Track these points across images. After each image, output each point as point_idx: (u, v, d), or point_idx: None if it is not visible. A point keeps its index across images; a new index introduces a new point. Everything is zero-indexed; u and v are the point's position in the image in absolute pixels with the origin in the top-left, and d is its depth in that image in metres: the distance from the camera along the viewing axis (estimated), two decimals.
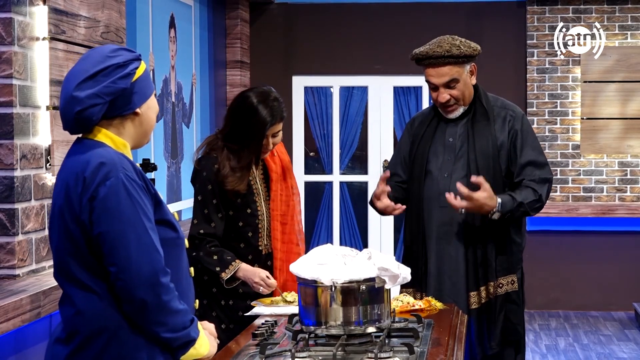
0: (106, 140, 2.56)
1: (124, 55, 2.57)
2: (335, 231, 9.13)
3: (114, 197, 2.46)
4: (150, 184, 2.59)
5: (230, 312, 4.03)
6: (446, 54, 4.07)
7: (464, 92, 4.15)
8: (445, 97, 4.13)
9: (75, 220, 2.49)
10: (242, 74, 8.62)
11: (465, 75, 4.14)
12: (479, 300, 4.12)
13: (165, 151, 6.73)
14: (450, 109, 4.17)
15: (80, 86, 2.50)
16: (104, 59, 2.54)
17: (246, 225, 4.03)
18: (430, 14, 8.88)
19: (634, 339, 7.79)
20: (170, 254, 2.57)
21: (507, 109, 4.24)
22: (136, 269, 2.44)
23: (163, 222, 2.59)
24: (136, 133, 2.62)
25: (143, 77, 2.60)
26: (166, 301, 2.48)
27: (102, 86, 2.51)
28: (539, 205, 4.15)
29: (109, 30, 4.69)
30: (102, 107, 2.52)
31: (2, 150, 3.79)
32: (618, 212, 8.81)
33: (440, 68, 4.10)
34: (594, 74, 8.86)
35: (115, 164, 2.49)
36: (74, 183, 2.49)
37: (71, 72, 2.56)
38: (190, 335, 2.55)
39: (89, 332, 2.50)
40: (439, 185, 4.14)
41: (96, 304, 2.49)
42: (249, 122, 3.94)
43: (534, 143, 4.21)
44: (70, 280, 2.52)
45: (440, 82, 4.12)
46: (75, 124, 2.54)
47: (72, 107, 2.51)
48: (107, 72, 2.52)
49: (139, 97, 2.58)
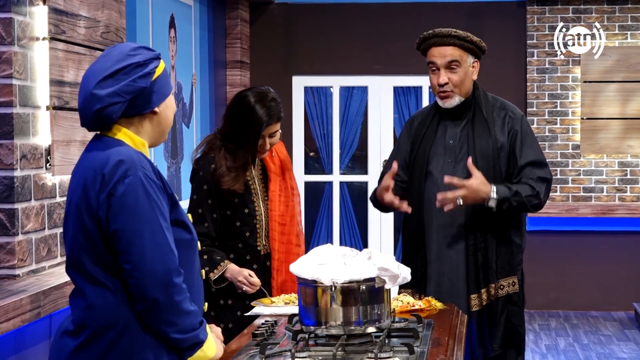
0: (125, 139, 2.57)
1: (144, 54, 2.57)
2: (335, 231, 9.13)
3: (132, 195, 2.47)
4: (167, 184, 2.59)
5: (230, 312, 4.04)
6: (452, 33, 4.14)
7: (464, 81, 4.15)
8: (444, 79, 4.13)
9: (91, 216, 2.49)
10: (242, 74, 8.62)
11: (468, 64, 4.16)
12: (480, 302, 4.12)
13: (165, 151, 6.73)
14: (446, 94, 4.16)
15: (100, 84, 2.50)
16: (125, 57, 2.54)
17: (244, 225, 4.03)
18: (430, 14, 8.88)
19: (634, 339, 7.79)
20: (184, 255, 2.58)
21: (506, 110, 4.23)
22: (150, 268, 2.45)
23: (178, 223, 2.59)
24: (154, 132, 2.63)
25: (162, 76, 2.60)
26: (178, 301, 2.48)
27: (123, 84, 2.51)
28: (537, 202, 4.13)
29: (109, 30, 4.69)
30: (122, 105, 2.52)
31: (2, 150, 3.79)
32: (618, 212, 8.81)
33: (444, 47, 4.15)
34: (594, 74, 8.86)
35: (134, 163, 2.50)
36: (92, 179, 2.50)
37: (91, 70, 2.56)
38: (199, 337, 2.55)
39: (98, 326, 2.50)
40: (439, 187, 4.14)
41: (108, 299, 2.50)
42: (246, 121, 3.94)
43: (533, 144, 4.20)
44: (83, 275, 2.52)
45: (442, 62, 4.13)
46: (94, 122, 2.54)
47: (91, 105, 2.51)
48: (128, 70, 2.52)
49: (158, 96, 2.59)
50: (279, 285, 4.06)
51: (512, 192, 4.07)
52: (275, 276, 4.06)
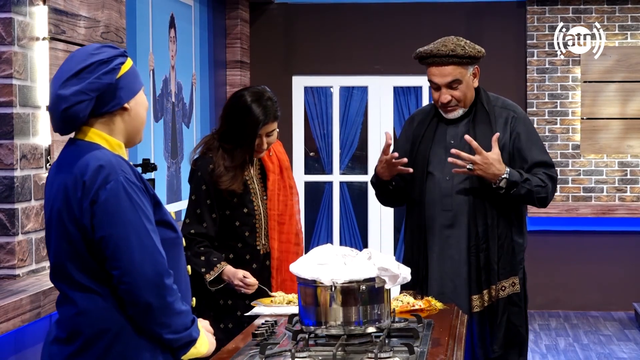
0: (100, 141, 2.56)
1: (107, 51, 2.56)
2: (335, 231, 9.13)
3: (115, 200, 2.46)
4: (149, 185, 2.58)
5: (229, 312, 4.04)
6: (450, 53, 4.06)
7: (466, 94, 4.13)
8: (446, 97, 4.11)
9: (75, 224, 2.48)
10: (242, 74, 8.62)
11: (468, 77, 4.12)
12: (482, 303, 4.11)
13: (165, 151, 6.73)
14: (450, 109, 4.16)
15: (65, 84, 2.50)
16: (88, 56, 2.54)
17: (243, 224, 4.03)
18: (430, 14, 8.88)
19: (634, 339, 7.79)
20: (170, 253, 2.57)
21: (508, 110, 4.22)
22: (140, 272, 2.44)
23: (162, 223, 2.59)
24: (126, 130, 2.61)
25: (129, 72, 2.59)
26: (170, 302, 2.48)
27: (87, 82, 2.50)
28: (545, 196, 4.10)
29: (109, 30, 4.69)
30: (89, 103, 2.51)
31: (2, 150, 3.79)
32: (618, 212, 8.81)
33: (443, 67, 4.09)
34: (594, 74, 8.86)
35: (114, 167, 2.49)
36: (72, 186, 2.48)
37: (56, 73, 2.56)
38: (192, 335, 2.56)
39: (92, 332, 2.49)
40: (441, 188, 4.13)
41: (99, 304, 2.49)
42: (243, 121, 3.95)
43: (538, 143, 4.19)
44: (70, 282, 2.51)
45: (443, 82, 4.10)
46: (63, 123, 2.53)
47: (58, 106, 2.50)
48: (91, 68, 2.52)
49: (126, 92, 2.57)
50: (279, 285, 4.06)
51: (523, 178, 4.05)
52: (275, 275, 4.06)
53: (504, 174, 4.02)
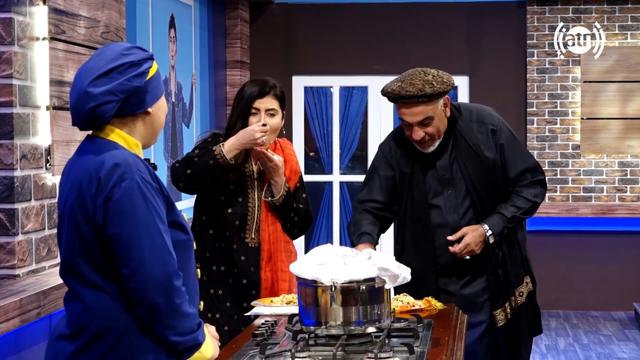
0: (119, 140, 2.56)
1: (138, 53, 2.56)
2: (335, 231, 9.13)
3: (129, 198, 2.45)
4: (164, 186, 2.58)
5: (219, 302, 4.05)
6: (419, 93, 3.93)
7: (439, 127, 4.03)
8: (420, 134, 4.00)
9: (87, 220, 2.48)
10: (242, 74, 8.62)
11: (439, 110, 4.00)
12: (505, 316, 4.12)
13: (165, 151, 6.73)
14: (425, 144, 4.06)
15: (94, 82, 2.49)
16: (118, 56, 2.53)
17: (234, 212, 4.04)
18: (430, 14, 8.88)
19: (634, 339, 7.79)
20: (181, 256, 2.57)
21: (484, 123, 4.12)
22: (149, 272, 2.43)
23: (174, 225, 2.58)
24: (146, 133, 2.61)
25: (155, 77, 2.60)
26: (178, 304, 2.47)
27: (117, 83, 2.49)
28: (534, 208, 4.13)
29: (109, 30, 4.69)
30: (116, 104, 2.50)
31: (2, 150, 3.79)
32: (618, 212, 8.81)
33: (413, 107, 3.96)
34: (594, 74, 8.86)
35: (130, 166, 2.48)
36: (87, 183, 2.48)
37: (84, 69, 2.54)
38: (198, 339, 2.55)
39: (98, 330, 2.49)
40: (448, 221, 4.10)
41: (106, 302, 2.49)
42: (239, 101, 4.06)
43: (519, 150, 4.14)
44: (80, 278, 2.51)
45: (414, 121, 3.98)
46: (86, 121, 2.52)
47: (85, 103, 2.49)
48: (122, 69, 2.51)
49: (151, 96, 2.58)
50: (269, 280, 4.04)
51: (506, 219, 4.06)
52: (264, 267, 4.05)
53: (487, 232, 4.04)
